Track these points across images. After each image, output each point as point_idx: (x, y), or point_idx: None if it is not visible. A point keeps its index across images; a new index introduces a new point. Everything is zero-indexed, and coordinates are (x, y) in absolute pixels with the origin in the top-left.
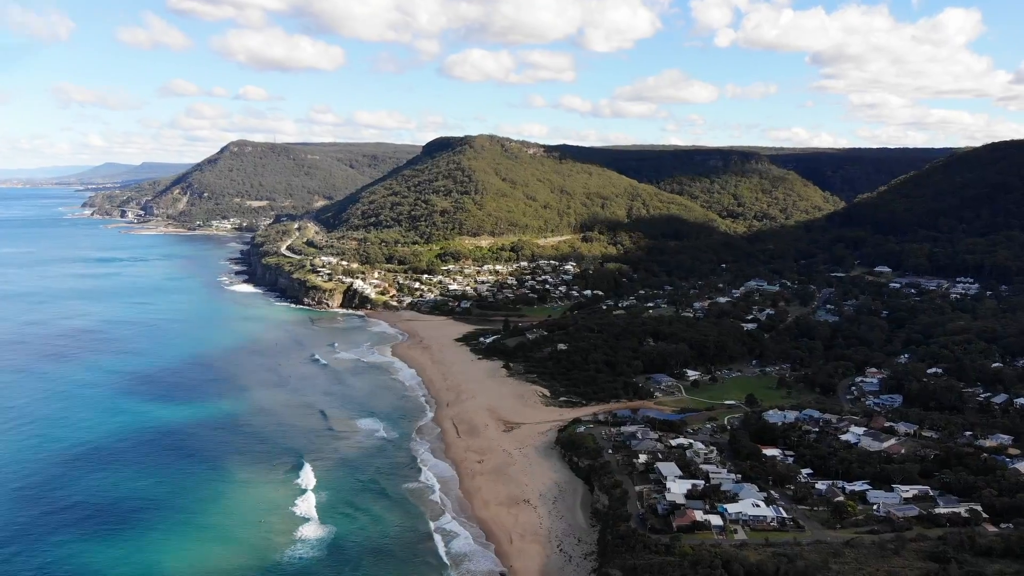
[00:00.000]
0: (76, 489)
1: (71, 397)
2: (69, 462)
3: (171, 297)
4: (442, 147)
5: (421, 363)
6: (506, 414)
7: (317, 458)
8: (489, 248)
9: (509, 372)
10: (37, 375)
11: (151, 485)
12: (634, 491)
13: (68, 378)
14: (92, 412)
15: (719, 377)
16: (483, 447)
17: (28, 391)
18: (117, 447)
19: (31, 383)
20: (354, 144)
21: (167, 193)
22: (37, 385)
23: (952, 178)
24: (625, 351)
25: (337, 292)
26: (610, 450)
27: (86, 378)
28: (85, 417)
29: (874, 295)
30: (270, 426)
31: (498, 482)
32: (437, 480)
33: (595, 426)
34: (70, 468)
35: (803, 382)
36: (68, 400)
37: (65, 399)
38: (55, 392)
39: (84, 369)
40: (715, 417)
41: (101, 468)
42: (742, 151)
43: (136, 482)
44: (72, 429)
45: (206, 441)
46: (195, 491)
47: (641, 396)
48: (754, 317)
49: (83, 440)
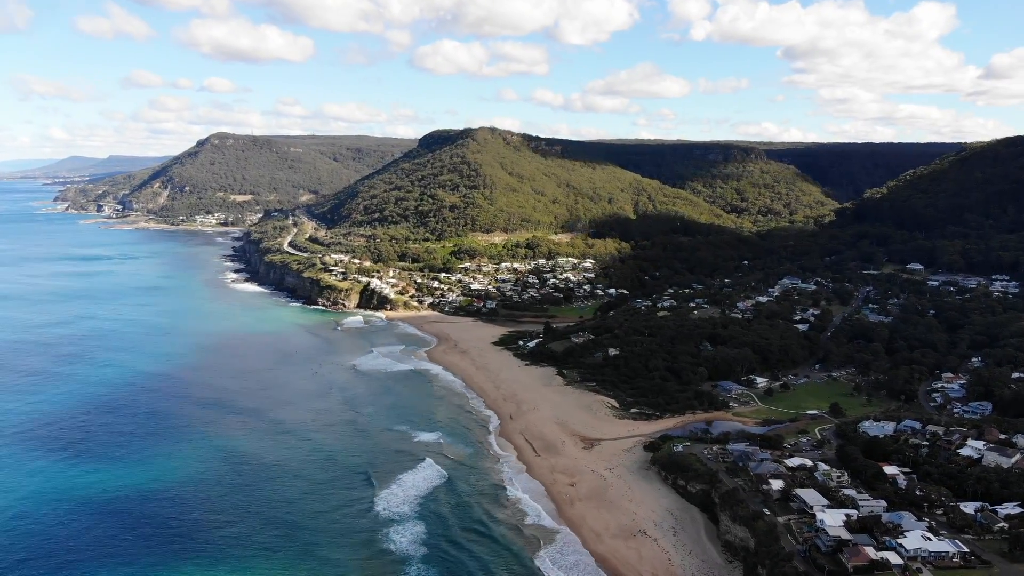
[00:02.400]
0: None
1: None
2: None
3: (175, 297)
4: (441, 140)
5: (465, 370)
6: (579, 428)
7: (390, 481)
8: (504, 245)
9: (566, 380)
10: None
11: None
12: (778, 523)
13: (106, 381)
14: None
15: (789, 384)
16: (569, 467)
17: (70, 396)
18: (194, 462)
19: (70, 386)
20: (336, 137)
21: (146, 187)
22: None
23: (971, 173)
24: (685, 357)
25: (354, 292)
26: (724, 473)
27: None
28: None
29: (914, 293)
30: (329, 444)
31: (601, 509)
32: (531, 506)
33: (692, 444)
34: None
35: (877, 388)
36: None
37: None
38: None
39: (116, 372)
40: (805, 429)
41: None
42: (741, 146)
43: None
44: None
45: (268, 466)
46: (270, 528)
47: (716, 407)
48: (803, 318)
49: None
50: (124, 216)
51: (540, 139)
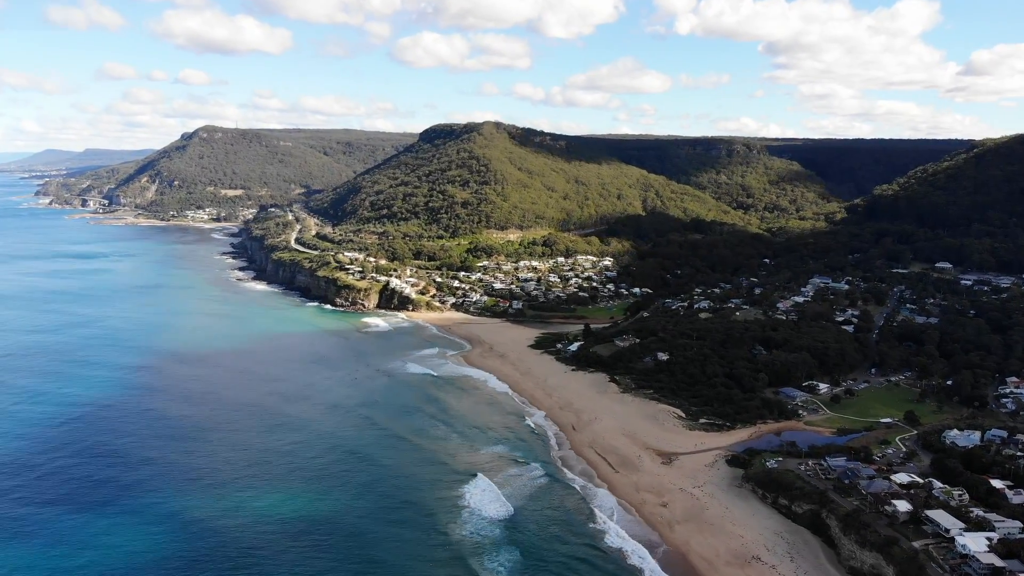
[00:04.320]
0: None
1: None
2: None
3: (184, 297)
4: (443, 135)
5: (509, 375)
6: (650, 441)
7: (464, 500)
8: (520, 242)
9: (621, 388)
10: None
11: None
12: (916, 549)
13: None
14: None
15: (853, 390)
16: (653, 485)
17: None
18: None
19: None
20: (324, 131)
21: (133, 181)
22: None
23: (988, 171)
24: (741, 362)
25: (373, 292)
26: (833, 492)
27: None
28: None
29: (949, 293)
30: (388, 463)
31: (704, 532)
32: (623, 529)
33: (785, 458)
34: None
35: (947, 394)
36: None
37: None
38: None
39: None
40: (887, 440)
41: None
42: (744, 141)
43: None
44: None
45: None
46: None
47: (785, 415)
48: (845, 319)
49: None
50: (111, 211)
51: (545, 134)
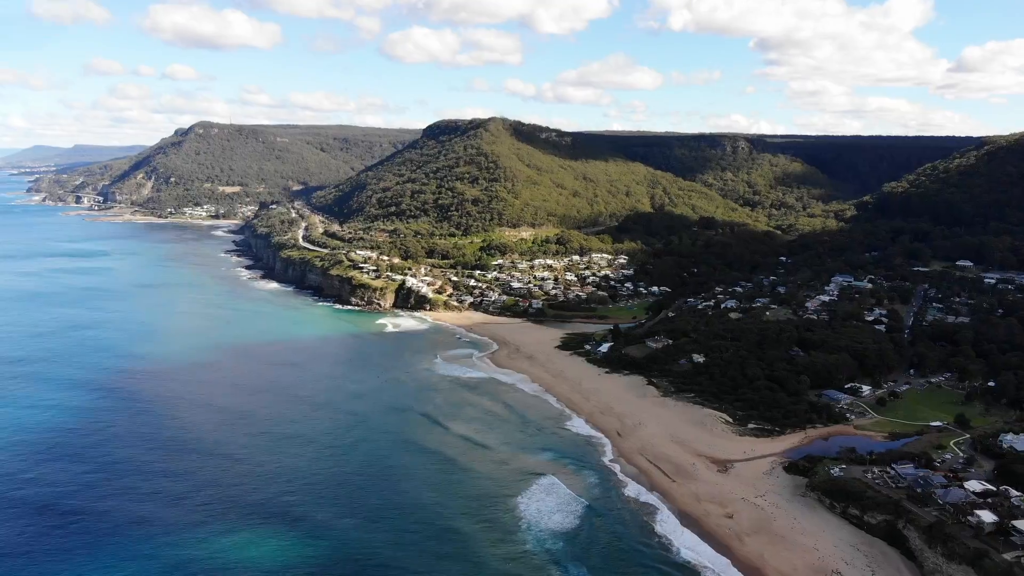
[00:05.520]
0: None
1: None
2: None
3: (196, 296)
4: (448, 131)
5: (541, 378)
6: (701, 447)
7: (521, 514)
8: (533, 240)
9: (661, 391)
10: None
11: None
12: (1010, 562)
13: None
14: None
15: (897, 392)
16: (714, 495)
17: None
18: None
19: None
20: (320, 127)
21: (129, 178)
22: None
23: (1002, 168)
24: (780, 363)
25: (389, 291)
26: (907, 501)
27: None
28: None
29: (975, 291)
30: (437, 468)
31: (777, 545)
32: (690, 543)
33: (848, 465)
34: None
35: (995, 396)
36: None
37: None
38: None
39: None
40: (942, 444)
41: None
42: (748, 137)
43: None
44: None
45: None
46: None
47: (834, 419)
48: (875, 318)
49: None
50: (107, 208)
51: (551, 130)
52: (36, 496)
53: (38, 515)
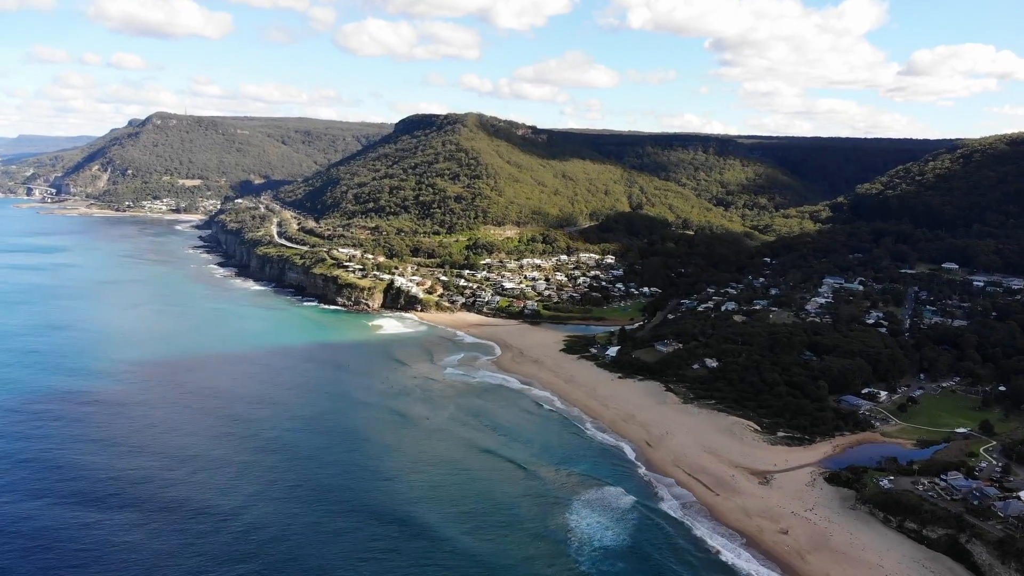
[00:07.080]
0: None
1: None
2: None
3: (171, 295)
4: (422, 125)
5: (552, 383)
6: (735, 457)
7: (574, 528)
8: (520, 239)
9: (680, 398)
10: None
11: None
12: None
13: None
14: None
15: (914, 397)
16: (762, 509)
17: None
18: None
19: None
20: (280, 119)
21: (83, 169)
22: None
23: (980, 171)
24: (796, 368)
25: (377, 291)
26: (968, 514)
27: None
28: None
29: (965, 294)
30: (466, 482)
31: (840, 563)
32: (746, 562)
33: (896, 476)
34: None
35: (1008, 400)
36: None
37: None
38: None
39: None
40: (973, 452)
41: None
42: (719, 137)
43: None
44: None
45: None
46: None
47: (860, 426)
48: (875, 321)
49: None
50: (60, 201)
51: (527, 127)
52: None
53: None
